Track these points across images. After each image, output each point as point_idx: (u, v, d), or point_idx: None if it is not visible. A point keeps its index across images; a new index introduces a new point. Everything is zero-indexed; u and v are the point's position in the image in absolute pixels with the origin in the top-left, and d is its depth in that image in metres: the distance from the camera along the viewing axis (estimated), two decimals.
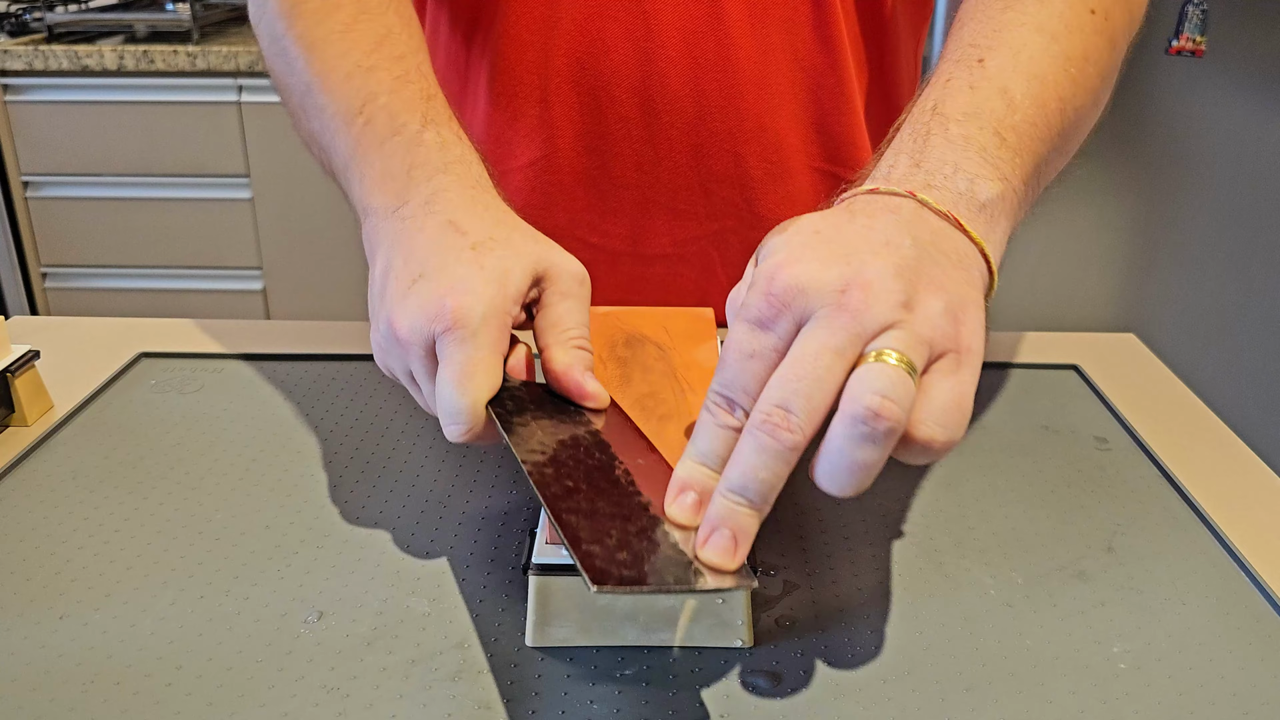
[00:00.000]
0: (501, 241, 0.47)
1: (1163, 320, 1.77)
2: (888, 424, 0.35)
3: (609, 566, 0.36)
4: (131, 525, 0.50)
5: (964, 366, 0.38)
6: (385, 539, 0.50)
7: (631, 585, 0.35)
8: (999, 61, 0.48)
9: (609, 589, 0.35)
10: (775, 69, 0.70)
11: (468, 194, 0.49)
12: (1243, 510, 0.53)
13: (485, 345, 0.44)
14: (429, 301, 0.44)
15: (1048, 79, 0.48)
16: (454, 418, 0.43)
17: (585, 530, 0.38)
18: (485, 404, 0.44)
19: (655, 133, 0.71)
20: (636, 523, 0.39)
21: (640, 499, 0.40)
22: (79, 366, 0.66)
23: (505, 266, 0.46)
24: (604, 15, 0.68)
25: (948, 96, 0.47)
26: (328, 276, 2.03)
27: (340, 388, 0.64)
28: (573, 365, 0.47)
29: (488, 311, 0.44)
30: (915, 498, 0.54)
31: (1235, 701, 0.41)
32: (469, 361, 0.43)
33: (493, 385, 0.44)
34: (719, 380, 0.38)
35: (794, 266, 0.38)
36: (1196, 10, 1.55)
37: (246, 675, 0.41)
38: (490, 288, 0.45)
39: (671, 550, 0.38)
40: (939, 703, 0.40)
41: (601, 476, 0.41)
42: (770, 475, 0.36)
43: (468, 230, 0.47)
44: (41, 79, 1.91)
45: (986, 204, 0.42)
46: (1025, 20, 0.50)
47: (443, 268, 0.45)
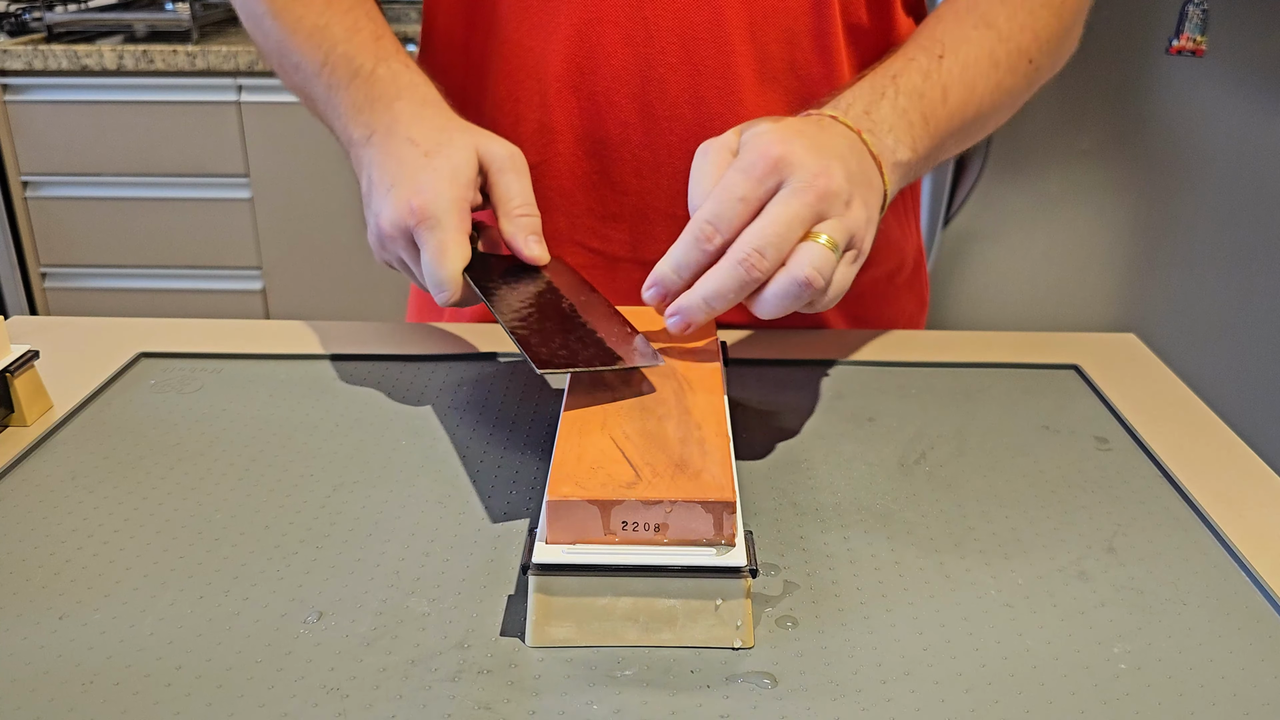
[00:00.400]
0: (446, 144, 0.59)
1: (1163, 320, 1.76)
2: (813, 290, 0.49)
3: (550, 357, 0.49)
4: (131, 525, 0.50)
5: (858, 261, 0.52)
6: (385, 539, 0.50)
7: (566, 366, 0.49)
8: (950, 65, 0.62)
9: (550, 370, 0.48)
10: (774, 76, 0.70)
11: (418, 112, 0.61)
12: (1243, 510, 0.53)
13: (450, 228, 0.56)
14: (400, 204, 0.57)
15: (975, 92, 0.63)
16: (439, 286, 0.56)
17: (535, 338, 0.51)
18: (461, 272, 0.56)
19: (655, 138, 0.71)
20: (575, 333, 0.52)
21: (580, 319, 0.54)
22: (79, 366, 0.66)
23: (454, 164, 0.58)
24: (603, 20, 0.68)
25: (905, 72, 0.61)
26: (328, 276, 2.03)
27: (340, 388, 0.64)
28: (515, 233, 0.59)
29: (447, 204, 0.56)
30: (915, 498, 0.54)
31: (1235, 701, 0.40)
32: (441, 243, 0.56)
33: (464, 257, 0.56)
34: (709, 211, 0.49)
35: (786, 144, 0.50)
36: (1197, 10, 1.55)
37: (246, 675, 0.41)
38: (444, 184, 0.57)
39: (598, 348, 0.51)
40: (939, 703, 0.40)
41: (551, 309, 0.55)
42: (734, 296, 0.49)
43: (420, 142, 0.59)
44: (41, 79, 1.91)
45: (898, 164, 0.57)
46: (983, 44, 0.64)
47: (407, 176, 0.57)
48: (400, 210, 0.56)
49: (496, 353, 0.69)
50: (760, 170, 0.50)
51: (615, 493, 0.42)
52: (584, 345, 0.51)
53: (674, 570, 0.42)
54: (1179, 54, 1.58)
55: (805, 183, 0.49)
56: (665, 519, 0.42)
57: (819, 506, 0.53)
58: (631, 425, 0.47)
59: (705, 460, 0.45)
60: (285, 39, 0.68)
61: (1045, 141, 1.65)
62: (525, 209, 0.60)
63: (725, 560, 0.42)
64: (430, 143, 0.59)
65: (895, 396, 0.64)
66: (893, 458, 0.57)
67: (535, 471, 0.56)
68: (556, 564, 0.42)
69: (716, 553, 0.42)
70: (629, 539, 0.43)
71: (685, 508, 0.42)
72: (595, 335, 0.52)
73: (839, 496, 0.54)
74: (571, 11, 0.68)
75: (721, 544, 0.43)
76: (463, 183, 0.58)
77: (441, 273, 0.56)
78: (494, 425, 0.60)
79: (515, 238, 0.59)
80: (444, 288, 0.56)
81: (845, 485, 0.55)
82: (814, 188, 0.49)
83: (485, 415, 0.61)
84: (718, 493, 0.42)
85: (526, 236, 0.59)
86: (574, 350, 0.51)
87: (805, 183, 0.49)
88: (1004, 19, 0.65)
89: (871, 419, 0.62)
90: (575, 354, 0.50)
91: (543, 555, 0.42)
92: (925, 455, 0.58)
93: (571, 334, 0.52)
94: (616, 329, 0.54)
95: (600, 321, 0.54)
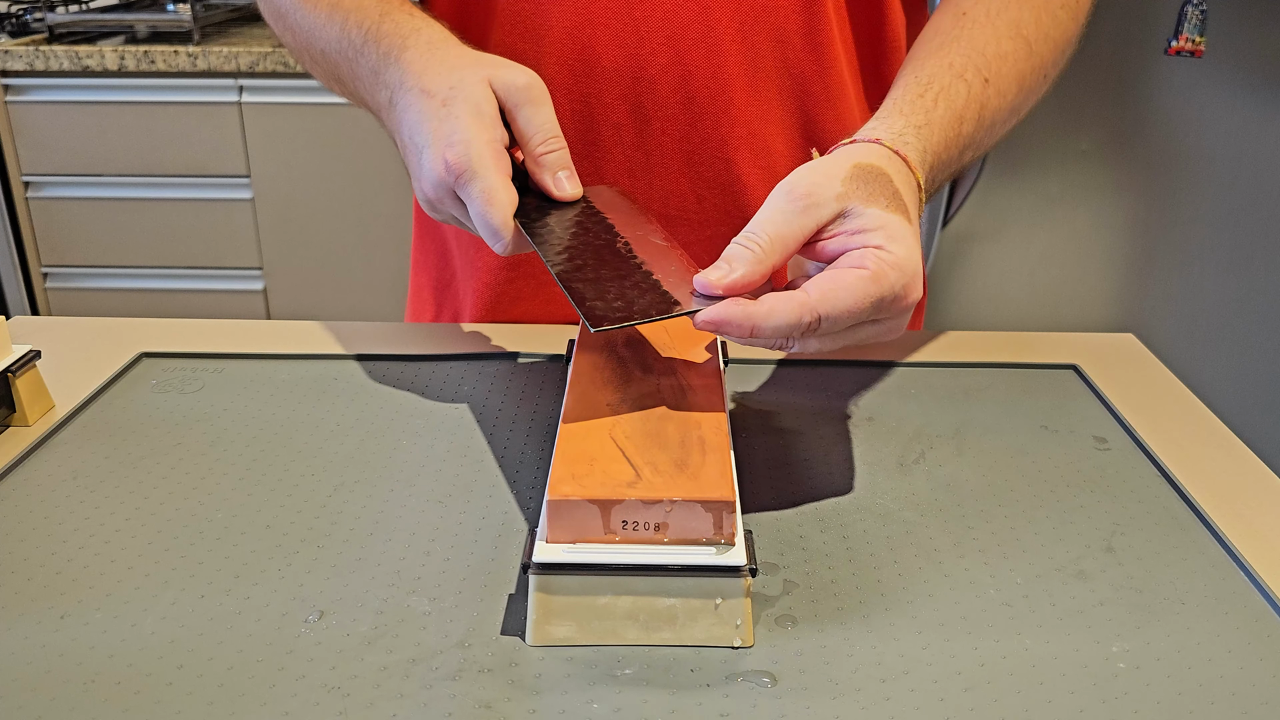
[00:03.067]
0: (459, 85, 0.56)
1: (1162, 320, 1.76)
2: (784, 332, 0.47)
3: (605, 313, 0.47)
4: (132, 525, 0.50)
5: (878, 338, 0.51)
6: (385, 539, 0.50)
7: (622, 321, 0.46)
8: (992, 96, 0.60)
9: (605, 328, 0.46)
10: (765, 76, 0.70)
11: (426, 59, 0.58)
12: (1243, 510, 0.53)
13: (488, 174, 0.53)
14: (434, 164, 0.54)
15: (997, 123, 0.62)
16: (494, 236, 0.54)
17: (590, 291, 0.49)
18: (512, 217, 0.54)
19: (647, 139, 0.71)
20: (631, 278, 0.50)
21: (635, 260, 0.52)
22: (80, 366, 0.67)
23: (473, 105, 0.55)
24: (594, 23, 0.68)
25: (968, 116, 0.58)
26: (328, 276, 2.03)
27: (340, 388, 0.64)
28: (541, 174, 0.57)
29: (477, 150, 0.54)
30: (915, 498, 0.54)
31: (1235, 701, 0.41)
32: (483, 193, 0.53)
33: (511, 200, 0.54)
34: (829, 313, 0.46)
35: (917, 286, 0.48)
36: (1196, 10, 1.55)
37: (247, 675, 0.41)
38: (469, 129, 0.54)
39: (657, 293, 0.48)
40: (938, 702, 0.40)
41: (606, 249, 0.53)
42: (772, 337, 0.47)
43: (434, 91, 0.56)
44: (42, 79, 1.91)
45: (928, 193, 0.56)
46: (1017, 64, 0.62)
47: (432, 133, 0.55)
48: (437, 169, 0.54)
49: (497, 352, 0.69)
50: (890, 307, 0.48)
51: (615, 492, 0.42)
52: (640, 291, 0.49)
53: (674, 569, 0.42)
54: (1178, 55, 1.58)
55: (899, 323, 0.50)
56: (665, 518, 0.42)
57: (819, 506, 0.53)
58: (631, 424, 0.48)
59: (705, 460, 0.45)
60: (309, 28, 0.67)
61: (1044, 142, 1.65)
62: (548, 144, 0.57)
63: (725, 559, 0.42)
64: (444, 89, 0.56)
65: (895, 396, 0.64)
66: (892, 457, 0.58)
67: (535, 471, 0.56)
68: (557, 563, 0.42)
69: (716, 552, 0.43)
70: (629, 538, 0.43)
71: (685, 507, 0.42)
72: (651, 277, 0.50)
73: (838, 496, 0.54)
74: (562, 14, 0.69)
75: (721, 543, 0.43)
76: (488, 123, 0.55)
77: (493, 222, 0.53)
78: (494, 425, 0.60)
79: (543, 178, 0.57)
80: (499, 236, 0.53)
81: (845, 485, 0.55)
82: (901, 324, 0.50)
83: (485, 415, 0.61)
84: (717, 492, 0.42)
85: (555, 174, 0.57)
86: (629, 300, 0.48)
87: (899, 323, 0.50)
88: (1032, 24, 0.64)
89: (871, 419, 0.62)
90: (631, 304, 0.48)
91: (543, 554, 0.42)
92: (924, 455, 0.58)
93: (627, 279, 0.50)
94: (674, 265, 0.51)
95: (657, 259, 0.52)
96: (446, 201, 0.56)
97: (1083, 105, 1.62)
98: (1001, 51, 0.62)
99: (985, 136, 0.61)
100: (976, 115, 0.59)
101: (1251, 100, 1.61)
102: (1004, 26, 0.63)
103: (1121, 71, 1.61)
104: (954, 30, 0.62)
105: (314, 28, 0.66)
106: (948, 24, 0.63)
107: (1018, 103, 0.63)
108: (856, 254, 0.48)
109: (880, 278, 0.47)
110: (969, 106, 0.58)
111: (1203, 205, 1.68)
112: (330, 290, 2.04)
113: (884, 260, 0.47)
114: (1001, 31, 0.62)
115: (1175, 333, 1.77)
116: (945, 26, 0.63)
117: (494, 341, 0.72)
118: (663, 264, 0.51)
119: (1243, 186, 1.67)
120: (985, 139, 0.61)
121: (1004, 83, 0.61)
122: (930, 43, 0.62)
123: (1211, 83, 1.60)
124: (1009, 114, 0.63)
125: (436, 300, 0.84)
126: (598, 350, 0.55)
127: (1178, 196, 1.68)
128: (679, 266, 0.51)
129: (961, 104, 0.58)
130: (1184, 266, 1.73)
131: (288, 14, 0.69)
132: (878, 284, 0.46)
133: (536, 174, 0.57)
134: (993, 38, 0.62)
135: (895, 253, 0.47)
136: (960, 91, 0.58)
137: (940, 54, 0.61)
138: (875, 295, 0.46)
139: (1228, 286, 1.73)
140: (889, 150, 0.53)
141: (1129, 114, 1.63)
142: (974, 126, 0.59)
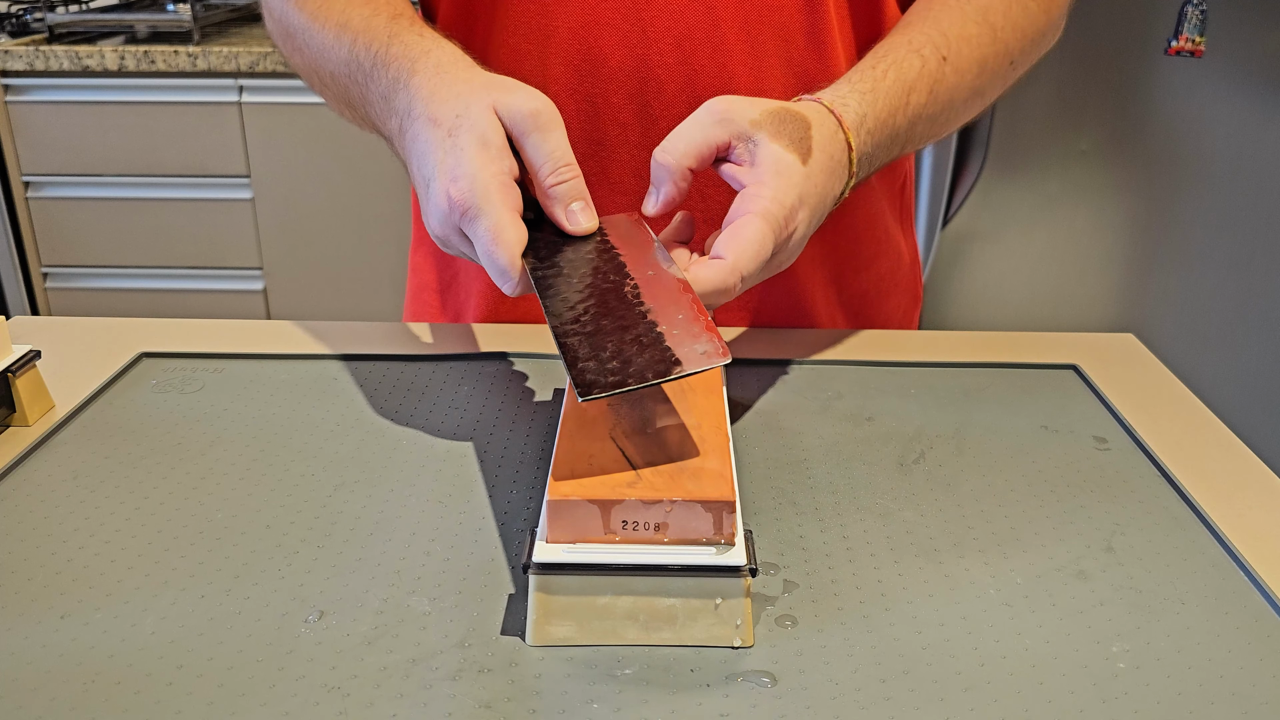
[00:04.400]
0: (465, 114, 0.53)
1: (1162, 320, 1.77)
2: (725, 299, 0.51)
3: (597, 378, 0.44)
4: (132, 525, 0.50)
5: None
6: (385, 539, 0.50)
7: (615, 388, 0.43)
8: (949, 74, 0.63)
9: (595, 396, 0.43)
10: (769, 75, 0.70)
11: (434, 85, 0.56)
12: (1242, 510, 0.53)
13: (494, 210, 0.51)
14: (439, 200, 0.52)
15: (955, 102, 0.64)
16: (502, 276, 0.51)
17: (584, 349, 0.46)
18: (520, 257, 0.51)
19: (652, 139, 0.71)
20: (633, 330, 0.47)
21: (642, 308, 0.48)
22: (80, 366, 0.67)
23: (479, 134, 0.52)
24: (600, 23, 0.69)
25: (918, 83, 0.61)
26: (328, 276, 2.03)
27: (340, 388, 0.64)
28: (552, 207, 0.54)
29: (482, 185, 0.51)
30: (915, 498, 0.54)
31: (1235, 701, 0.41)
32: (489, 231, 0.51)
33: (519, 238, 0.51)
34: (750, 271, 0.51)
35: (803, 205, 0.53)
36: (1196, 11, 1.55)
37: (247, 675, 0.41)
38: (474, 162, 0.51)
39: (658, 350, 0.45)
40: (938, 703, 0.40)
41: (611, 295, 0.49)
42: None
43: (441, 120, 0.54)
44: (42, 79, 1.91)
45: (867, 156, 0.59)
46: (979, 47, 0.65)
47: (436, 165, 0.53)
48: (441, 206, 0.52)
49: (497, 352, 0.69)
50: (784, 234, 0.53)
51: (615, 492, 0.42)
52: (639, 348, 0.46)
53: (674, 569, 0.42)
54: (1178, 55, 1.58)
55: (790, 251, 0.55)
56: (665, 518, 0.42)
57: (819, 506, 0.53)
58: (631, 424, 0.48)
59: (705, 460, 0.45)
60: (317, 49, 0.64)
61: (1044, 142, 1.65)
62: (559, 173, 0.53)
63: (725, 559, 0.42)
64: (450, 117, 0.53)
65: (895, 396, 0.64)
66: (892, 457, 0.58)
67: (535, 471, 0.56)
68: (557, 563, 0.42)
69: (716, 552, 0.43)
70: (629, 538, 0.43)
71: (685, 507, 0.42)
72: (655, 330, 0.47)
73: (838, 496, 0.54)
74: (568, 15, 0.69)
75: (721, 543, 0.43)
76: (494, 154, 0.52)
77: (500, 262, 0.50)
78: (494, 425, 0.60)
79: (555, 211, 0.54)
80: (507, 277, 0.51)
81: (845, 485, 0.55)
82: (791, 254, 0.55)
83: (485, 415, 0.61)
84: (717, 492, 0.42)
85: (568, 207, 0.54)
86: (628, 359, 0.45)
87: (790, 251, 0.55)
88: (1000, 13, 0.66)
89: (871, 419, 0.62)
90: (628, 364, 0.45)
91: (543, 554, 0.42)
92: (924, 455, 0.58)
93: (629, 331, 0.47)
94: (684, 313, 0.48)
95: (666, 306, 0.48)
96: (454, 239, 0.53)
97: (1082, 106, 1.62)
98: (965, 34, 0.64)
99: (941, 112, 0.63)
100: (929, 89, 0.61)
101: (1251, 100, 1.61)
102: (971, 12, 0.66)
103: (1121, 71, 1.61)
104: (923, 13, 0.66)
105: (323, 49, 0.64)
106: (919, 8, 0.68)
107: (980, 84, 0.65)
108: (749, 194, 0.53)
109: (769, 215, 0.52)
110: (921, 79, 0.61)
111: (1203, 205, 1.69)
112: (330, 290, 2.04)
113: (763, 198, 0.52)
114: (969, 16, 0.65)
115: (1175, 333, 1.77)
116: (917, 10, 0.67)
117: (494, 342, 0.72)
118: (670, 311, 0.48)
119: (1243, 186, 1.67)
120: (941, 114, 0.63)
121: (963, 62, 0.63)
122: (900, 24, 0.66)
123: (1211, 83, 1.60)
124: (970, 94, 0.65)
125: (438, 300, 0.84)
126: None
127: (1178, 196, 1.68)
128: (687, 315, 0.48)
129: (913, 76, 0.61)
130: (1184, 266, 1.73)
131: (295, 34, 0.67)
132: (769, 222, 0.51)
133: (548, 207, 0.54)
134: (958, 21, 0.65)
135: (775, 189, 0.52)
136: (913, 65, 0.61)
137: (903, 32, 0.64)
138: (770, 235, 0.51)
139: (1228, 286, 1.73)
140: (824, 108, 0.57)
141: (1129, 114, 1.63)
142: (926, 99, 0.61)
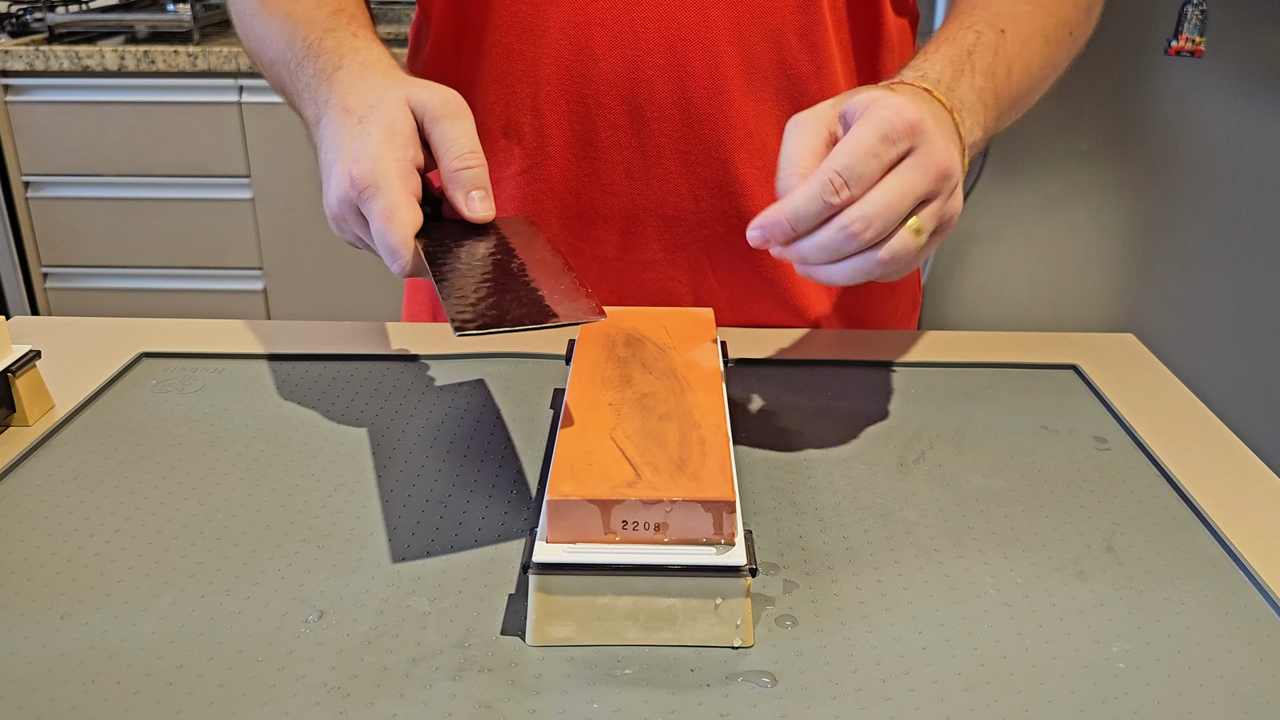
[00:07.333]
0: (379, 104, 0.55)
1: (1162, 320, 1.77)
2: (883, 271, 0.49)
3: (473, 318, 0.44)
4: (132, 525, 0.50)
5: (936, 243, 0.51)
6: (385, 539, 0.50)
7: (491, 326, 0.43)
8: (1011, 42, 0.61)
9: (468, 333, 0.43)
10: (762, 77, 0.70)
11: (356, 79, 0.57)
12: (1242, 510, 0.53)
13: (392, 191, 0.52)
14: (340, 178, 0.53)
15: (1032, 70, 0.62)
16: (391, 254, 0.52)
17: (459, 297, 0.46)
18: (413, 237, 0.52)
19: (644, 140, 0.71)
20: (513, 291, 0.47)
21: (525, 277, 0.49)
22: (80, 366, 0.67)
23: (387, 121, 0.54)
24: (592, 24, 0.69)
25: (979, 49, 0.59)
26: (328, 276, 2.03)
27: (340, 388, 0.64)
28: (453, 192, 0.54)
29: (383, 166, 0.52)
30: (915, 498, 0.54)
31: (1235, 701, 0.41)
32: (384, 209, 0.51)
33: (413, 220, 0.52)
34: (842, 164, 0.47)
35: (919, 111, 0.49)
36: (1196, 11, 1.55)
37: (247, 675, 0.41)
38: (379, 146, 0.53)
39: (534, 305, 0.46)
40: (938, 703, 0.40)
41: (498, 267, 0.50)
42: (835, 257, 0.48)
43: (354, 109, 0.55)
44: (42, 79, 1.91)
45: (972, 144, 0.56)
46: (1035, 19, 0.64)
47: (343, 147, 0.54)
48: (342, 184, 0.53)
49: (497, 353, 0.69)
50: (897, 131, 0.48)
51: (615, 492, 0.42)
52: (518, 303, 0.46)
53: (674, 569, 0.42)
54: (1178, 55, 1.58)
55: (931, 158, 0.49)
56: (665, 518, 0.42)
57: (819, 506, 0.53)
58: (631, 424, 0.48)
59: (705, 460, 0.45)
60: (262, 37, 0.68)
61: (1044, 142, 1.65)
62: (464, 159, 0.54)
63: (725, 559, 0.42)
64: (363, 107, 0.55)
65: (895, 396, 0.64)
66: (892, 457, 0.58)
67: (535, 471, 0.56)
68: (557, 563, 0.42)
69: (716, 552, 0.43)
70: (629, 538, 0.43)
71: (685, 507, 0.42)
72: (536, 292, 0.47)
73: (838, 496, 0.54)
74: (560, 15, 0.69)
75: (721, 543, 0.43)
76: (400, 141, 0.53)
77: (391, 239, 0.51)
78: (494, 425, 0.60)
79: (455, 195, 0.54)
80: (396, 255, 0.51)
81: (845, 485, 0.55)
82: (937, 165, 0.49)
83: (485, 415, 0.61)
84: (717, 492, 0.42)
85: (467, 194, 0.54)
86: (504, 309, 0.45)
87: (931, 158, 0.49)
88: None
89: (871, 419, 0.62)
90: (504, 312, 0.45)
91: (543, 554, 0.42)
92: (924, 455, 0.58)
93: (508, 293, 0.47)
94: (564, 284, 0.49)
95: (547, 278, 0.49)
96: (349, 218, 0.54)
97: (1083, 105, 1.62)
98: (1015, 9, 0.63)
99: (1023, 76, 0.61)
100: (992, 50, 0.60)
101: (1251, 100, 1.61)
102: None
103: (1121, 71, 1.61)
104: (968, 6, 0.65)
105: (266, 37, 0.67)
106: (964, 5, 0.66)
107: (1049, 53, 0.64)
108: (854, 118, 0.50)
109: (872, 116, 0.48)
110: (979, 46, 0.59)
111: (1202, 205, 1.69)
112: (330, 290, 2.04)
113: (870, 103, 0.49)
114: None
115: (1175, 333, 1.77)
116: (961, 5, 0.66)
117: (494, 342, 0.72)
118: (552, 283, 0.49)
119: (1243, 187, 1.67)
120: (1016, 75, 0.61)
121: (1022, 33, 0.62)
122: (948, 16, 0.65)
123: (1211, 83, 1.60)
124: (1042, 65, 0.64)
125: (438, 300, 0.84)
126: (598, 350, 0.55)
127: (1178, 196, 1.68)
128: (568, 286, 0.49)
129: (969, 44, 0.59)
130: (1184, 266, 1.73)
131: (246, 19, 0.70)
132: (871, 122, 0.48)
133: (449, 191, 0.55)
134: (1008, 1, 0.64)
135: (879, 97, 0.49)
136: (968, 39, 0.60)
137: (955, 20, 0.63)
138: (871, 132, 0.48)
139: (1228, 286, 1.73)
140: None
141: (1129, 114, 1.63)
142: (991, 58, 0.59)
